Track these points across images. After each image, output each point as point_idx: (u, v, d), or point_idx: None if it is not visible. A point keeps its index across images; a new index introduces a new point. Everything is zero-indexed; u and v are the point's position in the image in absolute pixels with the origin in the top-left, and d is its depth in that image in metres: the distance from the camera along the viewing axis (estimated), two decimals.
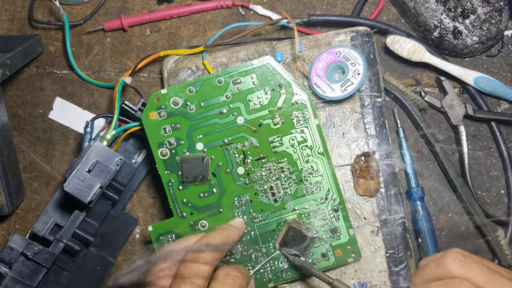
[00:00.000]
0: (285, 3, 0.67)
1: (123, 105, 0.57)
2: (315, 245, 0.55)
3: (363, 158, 0.57)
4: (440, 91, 0.65)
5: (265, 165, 0.56)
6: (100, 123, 0.63)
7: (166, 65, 0.61)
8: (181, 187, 0.55)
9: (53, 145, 0.67)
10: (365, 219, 0.57)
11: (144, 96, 0.61)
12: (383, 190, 0.58)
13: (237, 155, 0.56)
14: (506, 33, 0.65)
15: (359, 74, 0.55)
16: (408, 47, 0.61)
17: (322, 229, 0.56)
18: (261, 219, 0.56)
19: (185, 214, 0.56)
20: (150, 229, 0.55)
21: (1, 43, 0.66)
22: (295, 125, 0.56)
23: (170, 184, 0.56)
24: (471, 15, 0.61)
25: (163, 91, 0.55)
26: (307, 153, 0.56)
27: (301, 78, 0.59)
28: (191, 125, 0.55)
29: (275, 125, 0.56)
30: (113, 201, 0.61)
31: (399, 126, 0.63)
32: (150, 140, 0.56)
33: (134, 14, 0.67)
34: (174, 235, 0.55)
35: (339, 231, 0.56)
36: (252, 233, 0.56)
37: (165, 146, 0.55)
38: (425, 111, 0.64)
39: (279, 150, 0.56)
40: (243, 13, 0.67)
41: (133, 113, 0.57)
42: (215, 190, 0.55)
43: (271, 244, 0.55)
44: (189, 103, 0.55)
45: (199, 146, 0.55)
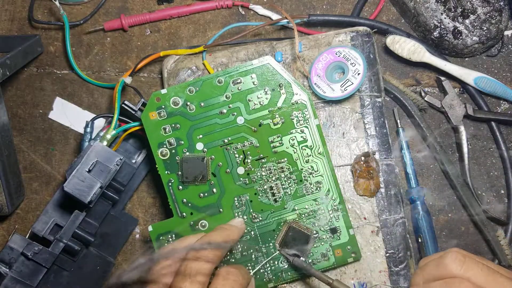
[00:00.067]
0: (285, 3, 0.67)
1: (123, 105, 0.57)
2: (315, 245, 0.55)
3: (363, 158, 0.57)
4: (440, 91, 0.65)
5: (265, 165, 0.56)
6: (100, 123, 0.63)
7: (166, 65, 0.61)
8: (181, 187, 0.55)
9: (53, 145, 0.67)
10: (365, 219, 0.57)
11: (144, 96, 0.61)
12: (383, 190, 0.58)
13: (237, 155, 0.55)
14: (506, 33, 0.65)
15: (359, 74, 0.55)
16: (408, 47, 0.61)
17: (322, 229, 0.56)
18: (261, 219, 0.56)
19: (185, 214, 0.56)
20: (150, 229, 0.55)
21: (1, 43, 0.66)
22: (295, 125, 0.56)
23: (170, 184, 0.56)
24: (471, 15, 0.61)
25: (163, 91, 0.55)
26: (307, 153, 0.56)
27: (301, 78, 0.59)
28: (191, 125, 0.55)
29: (275, 125, 0.56)
30: (113, 201, 0.61)
31: (399, 126, 0.63)
32: (150, 140, 0.56)
33: (134, 14, 0.67)
34: (174, 235, 0.55)
35: (339, 231, 0.56)
36: (252, 233, 0.56)
37: (165, 146, 0.55)
38: (425, 111, 0.64)
39: (279, 150, 0.56)
40: (243, 13, 0.67)
41: (133, 113, 0.57)
42: (215, 190, 0.55)
43: (271, 244, 0.55)
44: (189, 103, 0.55)
45: (199, 146, 0.55)
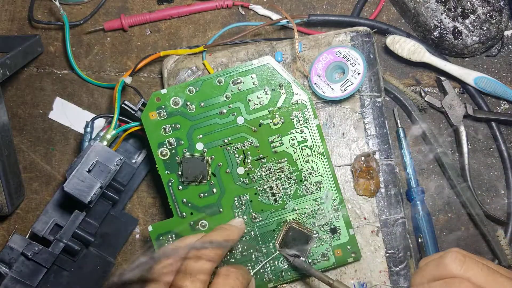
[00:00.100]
0: (285, 3, 0.67)
1: (123, 105, 0.57)
2: (315, 245, 0.55)
3: (363, 158, 0.57)
4: (440, 91, 0.65)
5: (265, 165, 0.55)
6: (100, 123, 0.63)
7: (166, 65, 0.61)
8: (181, 187, 0.55)
9: (53, 145, 0.67)
10: (365, 219, 0.57)
11: (144, 96, 0.61)
12: (383, 190, 0.58)
13: (237, 155, 0.55)
14: (506, 33, 0.65)
15: (359, 74, 0.55)
16: (408, 47, 0.61)
17: (322, 229, 0.56)
18: (261, 219, 0.56)
19: (185, 214, 0.56)
20: (150, 229, 0.55)
21: (1, 43, 0.66)
22: (295, 125, 0.56)
23: (170, 184, 0.56)
24: (471, 15, 0.61)
25: (163, 91, 0.55)
26: (307, 153, 0.56)
27: (301, 78, 0.59)
28: (191, 125, 0.55)
29: (275, 125, 0.56)
30: (113, 201, 0.61)
31: (399, 126, 0.63)
32: (150, 140, 0.56)
33: (134, 14, 0.67)
34: (174, 235, 0.55)
35: (339, 231, 0.55)
36: (252, 233, 0.56)
37: (165, 146, 0.55)
38: (425, 111, 0.64)
39: (279, 150, 0.56)
40: (243, 13, 0.67)
41: (133, 113, 0.57)
42: (215, 190, 0.55)
43: (271, 244, 0.55)
44: (189, 103, 0.55)
45: (199, 146, 0.55)
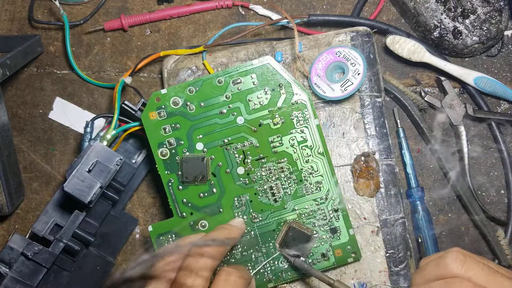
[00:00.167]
0: (285, 3, 0.67)
1: (123, 105, 0.57)
2: (315, 245, 0.55)
3: (363, 158, 0.57)
4: (440, 91, 0.65)
5: (265, 165, 0.55)
6: (100, 123, 0.63)
7: (166, 65, 0.61)
8: (181, 187, 0.55)
9: (53, 145, 0.67)
10: (365, 219, 0.57)
11: (144, 96, 0.61)
12: (383, 190, 0.58)
13: (237, 155, 0.55)
14: (506, 33, 0.65)
15: (359, 74, 0.55)
16: (408, 47, 0.61)
17: (322, 229, 0.56)
18: (261, 219, 0.56)
19: (185, 214, 0.56)
20: (150, 229, 0.55)
21: (1, 43, 0.66)
22: (295, 125, 0.56)
23: (170, 184, 0.56)
24: (471, 15, 0.61)
25: (163, 91, 0.55)
26: (307, 153, 0.56)
27: (301, 78, 0.59)
28: (191, 125, 0.55)
29: (275, 125, 0.56)
30: (113, 201, 0.61)
31: (399, 126, 0.63)
32: (150, 140, 0.56)
33: (134, 14, 0.67)
34: (174, 235, 0.55)
35: (339, 231, 0.55)
36: (252, 233, 0.56)
37: (165, 146, 0.55)
38: (425, 111, 0.64)
39: (279, 150, 0.56)
40: (243, 13, 0.67)
41: (133, 113, 0.57)
42: (215, 190, 0.55)
43: (271, 244, 0.55)
44: (189, 103, 0.55)
45: (199, 146, 0.55)
